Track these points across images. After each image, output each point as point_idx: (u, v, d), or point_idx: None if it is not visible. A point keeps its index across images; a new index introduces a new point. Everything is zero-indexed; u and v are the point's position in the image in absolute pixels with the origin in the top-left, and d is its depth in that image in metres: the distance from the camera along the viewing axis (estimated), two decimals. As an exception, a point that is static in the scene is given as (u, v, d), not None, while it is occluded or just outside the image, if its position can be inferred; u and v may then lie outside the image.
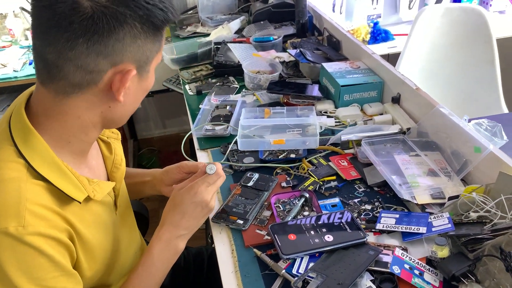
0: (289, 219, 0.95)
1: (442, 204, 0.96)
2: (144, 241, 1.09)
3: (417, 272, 0.82)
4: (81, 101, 0.71)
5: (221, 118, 1.38)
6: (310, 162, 1.17)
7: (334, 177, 1.11)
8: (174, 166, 1.03)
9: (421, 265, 0.83)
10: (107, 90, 0.70)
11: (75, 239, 0.73)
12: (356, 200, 1.03)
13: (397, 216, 0.94)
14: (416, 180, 1.02)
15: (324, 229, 0.91)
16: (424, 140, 1.14)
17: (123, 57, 0.68)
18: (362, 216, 0.97)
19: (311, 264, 0.85)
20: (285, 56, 1.70)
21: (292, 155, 1.19)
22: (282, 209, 1.01)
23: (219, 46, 1.81)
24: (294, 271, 0.84)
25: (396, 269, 0.81)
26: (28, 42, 2.43)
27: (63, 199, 0.72)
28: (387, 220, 0.93)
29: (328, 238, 0.89)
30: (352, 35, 1.69)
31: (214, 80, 1.71)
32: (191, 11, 2.45)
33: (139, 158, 2.90)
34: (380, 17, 2.56)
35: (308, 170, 1.14)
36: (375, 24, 2.46)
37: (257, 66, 1.65)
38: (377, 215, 0.96)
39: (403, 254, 0.85)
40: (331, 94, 1.46)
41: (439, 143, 1.11)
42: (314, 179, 1.10)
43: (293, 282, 0.81)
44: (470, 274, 0.78)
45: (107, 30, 0.64)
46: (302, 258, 0.86)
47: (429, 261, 0.85)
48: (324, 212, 0.98)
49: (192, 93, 1.63)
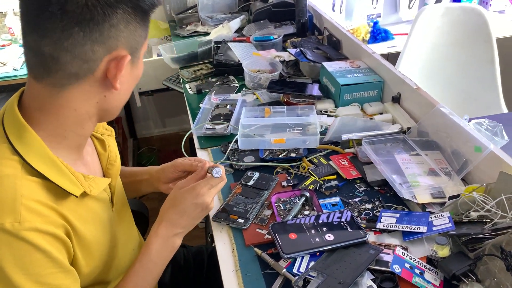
0: (289, 218, 0.95)
1: (442, 204, 0.96)
2: (143, 239, 1.09)
3: (417, 271, 0.82)
4: (77, 92, 0.71)
5: (222, 117, 1.38)
6: (310, 161, 1.17)
7: (335, 176, 1.11)
8: (170, 164, 1.04)
9: (421, 264, 0.83)
10: (102, 79, 0.71)
11: (72, 235, 0.73)
12: (356, 199, 1.03)
13: (398, 215, 0.94)
14: (416, 179, 1.02)
15: (324, 228, 0.91)
16: (424, 140, 1.14)
17: (118, 42, 0.69)
18: (362, 215, 0.97)
19: (312, 263, 0.85)
20: (285, 55, 1.70)
21: (293, 154, 1.19)
22: (282, 208, 1.01)
23: (219, 45, 1.81)
24: (294, 270, 0.84)
25: (396, 268, 0.81)
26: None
27: (59, 195, 0.72)
28: (388, 220, 0.93)
29: (329, 237, 0.89)
30: (352, 35, 1.69)
31: (214, 79, 1.71)
32: (191, 10, 2.44)
33: (139, 157, 2.89)
34: (380, 16, 2.57)
35: (308, 169, 1.14)
36: (375, 23, 2.46)
37: (257, 65, 1.65)
38: (378, 214, 0.96)
39: (403, 253, 0.85)
40: (331, 93, 1.46)
41: (440, 142, 1.11)
42: (314, 178, 1.10)
43: (293, 281, 0.81)
44: (470, 273, 0.78)
45: (101, 16, 0.66)
46: (302, 257, 0.86)
47: (430, 260, 0.85)
48: (324, 211, 0.98)
49: (192, 92, 1.63)
